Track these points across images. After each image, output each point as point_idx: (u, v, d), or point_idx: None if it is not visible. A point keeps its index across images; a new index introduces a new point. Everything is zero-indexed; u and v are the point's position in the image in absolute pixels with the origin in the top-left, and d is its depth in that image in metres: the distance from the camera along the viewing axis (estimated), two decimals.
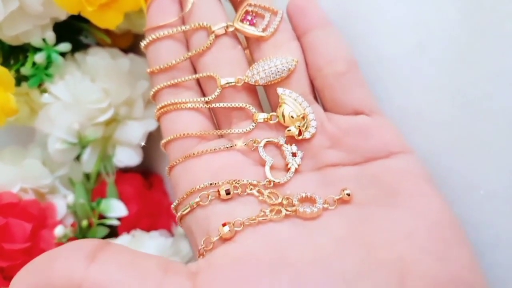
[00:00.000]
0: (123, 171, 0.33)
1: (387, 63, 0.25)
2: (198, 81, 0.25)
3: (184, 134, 0.23)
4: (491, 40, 0.22)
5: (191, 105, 0.23)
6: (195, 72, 0.24)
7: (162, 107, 0.24)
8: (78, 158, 0.32)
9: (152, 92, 0.25)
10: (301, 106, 0.23)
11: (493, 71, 0.22)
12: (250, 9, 0.24)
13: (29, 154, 0.32)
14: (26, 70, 0.29)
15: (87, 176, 0.32)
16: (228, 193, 0.21)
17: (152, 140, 0.32)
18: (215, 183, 0.21)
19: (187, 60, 0.24)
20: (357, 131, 0.22)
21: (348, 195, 0.21)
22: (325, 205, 0.21)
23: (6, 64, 0.30)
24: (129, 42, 0.34)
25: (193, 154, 0.23)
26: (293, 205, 0.21)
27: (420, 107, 0.24)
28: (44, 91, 0.30)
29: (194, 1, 0.24)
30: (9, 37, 0.28)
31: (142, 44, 0.25)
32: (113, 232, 0.31)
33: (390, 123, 0.23)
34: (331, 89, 0.23)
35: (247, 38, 0.24)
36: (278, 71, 0.23)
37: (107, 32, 0.32)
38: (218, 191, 0.21)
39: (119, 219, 0.31)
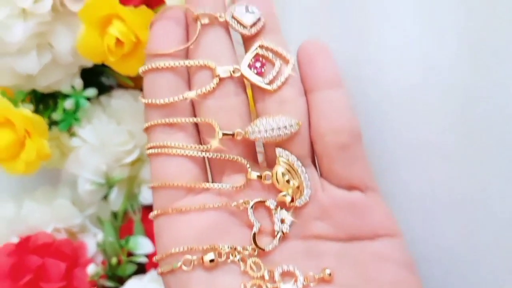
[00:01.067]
0: (149, 208, 0.34)
1: (392, 97, 0.25)
2: (195, 124, 0.23)
3: (171, 184, 0.22)
4: (494, 75, 0.23)
5: (183, 151, 0.22)
6: (193, 110, 0.23)
7: (154, 146, 0.22)
8: (105, 197, 0.33)
9: (145, 126, 0.23)
10: (297, 173, 0.22)
11: (498, 104, 0.23)
12: (261, 52, 0.22)
13: (59, 194, 0.34)
14: (56, 115, 0.31)
15: (114, 215, 0.34)
16: (212, 261, 0.21)
17: None
18: (200, 248, 0.21)
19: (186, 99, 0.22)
20: (348, 207, 0.22)
21: (329, 275, 0.21)
22: (305, 283, 0.21)
23: (37, 110, 0.32)
24: None
25: (180, 209, 0.22)
26: (274, 281, 0.21)
27: (426, 139, 0.25)
28: (73, 134, 0.32)
29: (202, 31, 0.22)
30: (42, 87, 0.30)
31: (140, 70, 0.23)
32: (142, 269, 0.32)
33: (383, 202, 0.23)
34: (330, 160, 0.22)
35: (252, 84, 0.23)
36: (280, 134, 0.21)
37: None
38: (202, 258, 0.21)
39: (146, 255, 0.32)
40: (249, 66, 0.22)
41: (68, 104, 0.31)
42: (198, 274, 0.21)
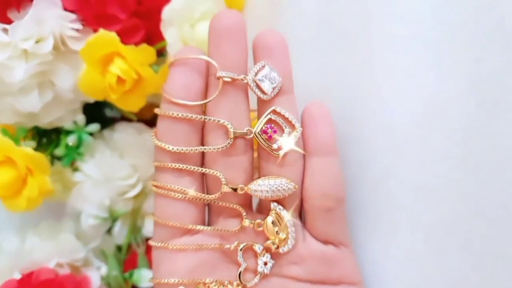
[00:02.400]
0: None
1: (397, 134, 0.26)
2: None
3: (171, 224, 0.25)
4: (497, 110, 0.23)
5: (186, 196, 0.24)
6: (202, 157, 0.25)
7: (160, 186, 0.25)
8: (109, 230, 0.33)
9: (154, 164, 0.25)
10: (286, 226, 0.25)
11: (503, 140, 0.23)
12: (273, 118, 0.24)
13: (63, 227, 0.33)
14: (59, 151, 0.31)
15: (118, 248, 0.33)
16: None
17: None
18: (192, 282, 0.25)
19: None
20: (322, 260, 0.25)
21: None
22: None
23: (40, 145, 0.32)
24: (153, 114, 0.36)
25: (178, 247, 0.25)
26: None
27: (432, 174, 0.25)
28: (76, 169, 0.32)
29: (223, 89, 0.23)
30: (44, 124, 0.30)
31: (157, 111, 0.24)
32: None
33: (351, 255, 0.26)
34: (314, 218, 0.25)
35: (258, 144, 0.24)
36: (278, 194, 0.24)
37: None
38: None
39: None
40: (261, 131, 0.24)
41: (71, 140, 0.31)
42: None
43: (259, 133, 0.24)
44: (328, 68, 0.28)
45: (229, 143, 0.23)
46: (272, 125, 0.24)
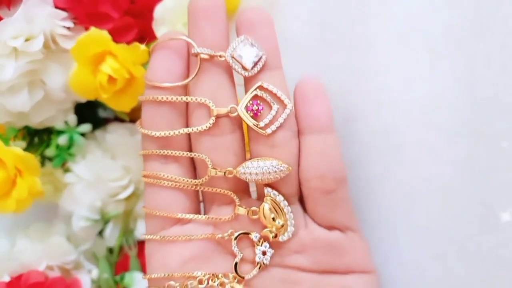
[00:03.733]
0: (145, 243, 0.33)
1: (392, 135, 0.25)
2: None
3: (162, 214, 0.23)
4: (492, 111, 0.23)
5: (175, 184, 0.23)
6: (190, 143, 0.24)
7: (148, 175, 0.24)
8: (101, 233, 0.32)
9: (141, 153, 0.24)
10: (283, 212, 0.23)
11: (497, 141, 0.23)
12: (259, 94, 0.22)
13: (54, 230, 0.33)
14: (50, 152, 0.30)
15: (110, 250, 0.33)
16: None
17: None
18: (184, 275, 0.23)
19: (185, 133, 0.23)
20: (326, 245, 0.23)
21: None
22: None
23: (31, 145, 0.31)
24: None
25: (169, 238, 0.23)
26: None
27: (427, 177, 0.25)
28: (67, 170, 0.31)
29: (202, 67, 0.22)
30: (34, 123, 0.29)
31: (140, 98, 0.24)
32: None
33: (361, 241, 0.24)
34: (314, 202, 0.23)
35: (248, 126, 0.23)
36: (269, 178, 0.22)
37: None
38: (184, 285, 0.23)
39: None
40: (246, 108, 0.22)
41: (62, 140, 0.30)
42: None
43: (244, 110, 0.22)
44: (324, 68, 0.27)
45: (211, 122, 0.22)
46: (259, 102, 0.22)
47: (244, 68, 0.22)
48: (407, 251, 0.26)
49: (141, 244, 0.33)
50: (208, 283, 0.23)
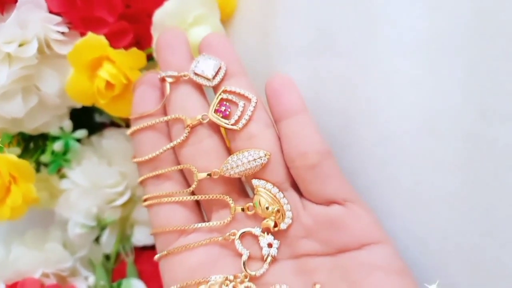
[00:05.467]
0: (142, 249, 0.33)
1: (392, 142, 0.25)
2: (181, 170, 0.25)
3: (165, 229, 0.24)
4: (496, 119, 0.23)
5: (171, 198, 0.24)
6: (177, 161, 0.25)
7: (146, 199, 0.25)
8: (97, 239, 0.32)
9: (138, 181, 0.26)
10: (276, 198, 0.23)
11: (502, 149, 0.23)
12: (225, 96, 0.24)
13: (50, 236, 0.32)
14: (45, 158, 0.30)
15: (106, 257, 0.33)
16: None
17: None
18: (193, 282, 0.23)
19: (170, 150, 0.25)
20: (329, 222, 0.23)
21: None
22: None
23: (26, 152, 0.31)
24: None
25: (173, 251, 0.24)
26: None
27: (429, 185, 0.24)
28: (63, 176, 0.31)
29: (172, 89, 0.25)
30: (29, 129, 0.29)
31: (128, 132, 0.26)
32: None
33: (364, 211, 0.23)
34: (304, 181, 0.23)
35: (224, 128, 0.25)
36: (251, 167, 0.23)
37: None
38: None
39: None
40: (215, 111, 0.24)
41: (57, 146, 0.30)
42: None
43: (214, 114, 0.23)
44: (322, 74, 0.27)
45: (187, 132, 0.24)
46: (226, 103, 0.24)
47: (207, 79, 0.24)
48: (406, 258, 0.25)
49: (138, 250, 0.33)
50: (220, 287, 0.22)
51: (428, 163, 0.24)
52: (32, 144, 0.31)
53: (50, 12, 0.26)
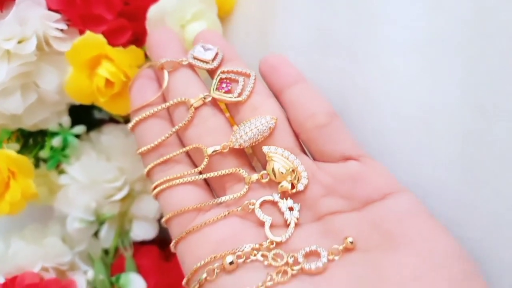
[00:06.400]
0: (141, 244, 0.33)
1: (388, 139, 0.25)
2: (187, 153, 0.25)
3: (181, 210, 0.23)
4: (493, 115, 0.23)
5: (183, 179, 0.24)
6: (183, 145, 0.25)
7: (156, 186, 0.24)
8: (96, 234, 0.32)
9: (145, 172, 0.25)
10: (288, 160, 0.23)
11: (499, 145, 0.23)
12: (223, 76, 0.24)
13: (49, 231, 0.33)
14: (44, 153, 0.30)
15: (105, 251, 0.33)
16: (231, 263, 0.21)
17: None
18: (219, 255, 0.22)
19: (174, 135, 0.25)
20: (348, 177, 0.22)
21: (351, 243, 0.21)
22: (330, 257, 0.21)
23: (25, 147, 0.31)
24: None
25: (192, 229, 0.23)
26: (299, 263, 0.21)
27: (426, 181, 0.24)
28: (62, 171, 0.31)
29: (171, 76, 0.25)
30: (28, 125, 0.29)
31: (129, 126, 0.25)
32: None
33: (380, 165, 0.23)
34: (315, 142, 0.23)
35: (227, 104, 0.25)
36: (260, 132, 0.23)
37: None
38: (223, 263, 0.21)
39: None
40: (217, 89, 0.24)
41: (56, 142, 0.30)
42: (224, 280, 0.21)
43: (216, 91, 0.24)
44: (320, 70, 0.27)
45: (191, 113, 0.24)
46: (225, 81, 0.24)
47: (206, 62, 0.25)
48: None
49: (136, 245, 0.33)
50: (249, 257, 0.21)
51: (425, 160, 0.24)
52: (31, 140, 0.31)
53: (49, 9, 0.26)
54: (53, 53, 0.27)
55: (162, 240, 0.35)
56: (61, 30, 0.26)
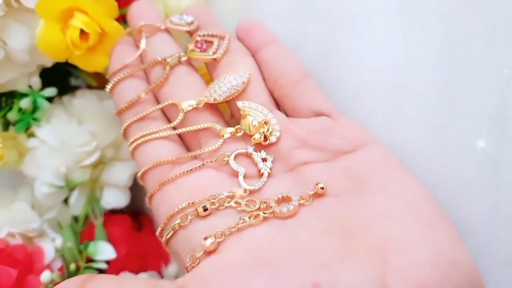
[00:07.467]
0: (112, 213, 0.33)
1: (365, 102, 0.25)
2: (163, 111, 0.26)
3: (156, 163, 0.24)
4: (465, 79, 0.23)
5: (159, 134, 0.24)
6: (159, 103, 0.25)
7: (133, 141, 0.25)
8: (66, 201, 0.32)
9: (122, 130, 0.26)
10: (262, 114, 0.23)
11: (471, 108, 0.23)
12: (199, 38, 0.26)
13: (18, 197, 0.32)
14: (12, 115, 0.29)
15: (75, 219, 0.32)
16: (205, 209, 0.21)
17: None
18: (192, 203, 0.22)
19: (151, 94, 0.26)
20: (320, 130, 0.23)
21: (322, 188, 0.21)
22: (301, 201, 0.21)
23: None
24: None
25: (168, 180, 0.23)
26: (271, 207, 0.21)
27: (401, 143, 0.25)
28: (31, 135, 0.30)
29: (148, 40, 0.26)
30: None
31: (107, 88, 0.26)
32: None
33: (351, 120, 0.24)
34: (289, 97, 0.24)
35: (206, 64, 0.26)
36: (233, 86, 0.24)
37: (96, 74, 0.32)
38: (197, 210, 0.22)
39: (107, 261, 0.31)
40: (193, 50, 0.25)
41: (24, 103, 0.29)
42: (197, 225, 0.22)
43: (192, 50, 0.25)
44: (296, 34, 0.27)
45: (167, 72, 0.25)
46: (201, 42, 0.26)
47: (183, 25, 0.26)
48: None
49: (107, 214, 0.33)
50: (223, 204, 0.22)
51: (400, 122, 0.24)
52: None
53: None
54: (22, 10, 0.26)
55: (134, 210, 0.35)
56: None
